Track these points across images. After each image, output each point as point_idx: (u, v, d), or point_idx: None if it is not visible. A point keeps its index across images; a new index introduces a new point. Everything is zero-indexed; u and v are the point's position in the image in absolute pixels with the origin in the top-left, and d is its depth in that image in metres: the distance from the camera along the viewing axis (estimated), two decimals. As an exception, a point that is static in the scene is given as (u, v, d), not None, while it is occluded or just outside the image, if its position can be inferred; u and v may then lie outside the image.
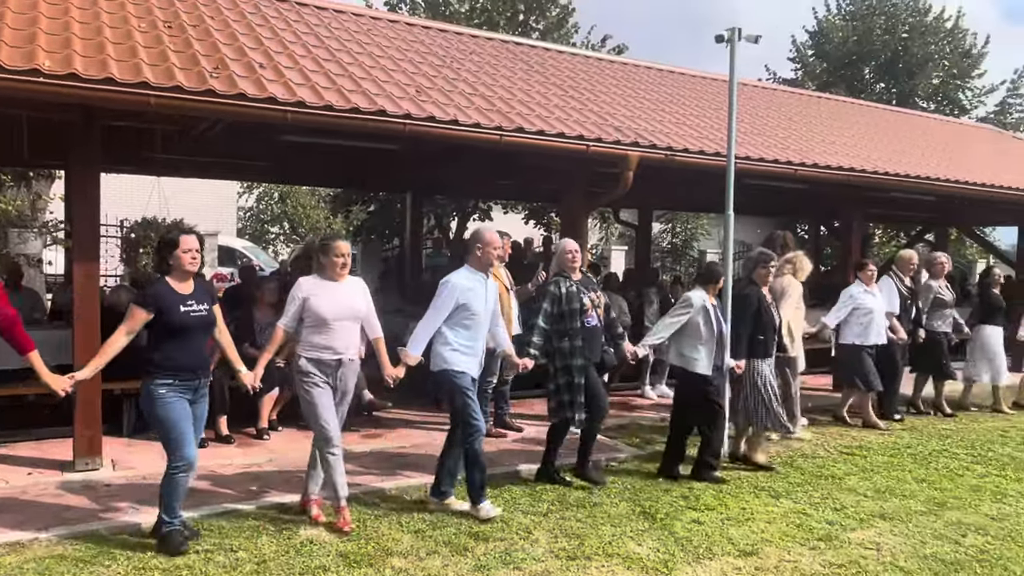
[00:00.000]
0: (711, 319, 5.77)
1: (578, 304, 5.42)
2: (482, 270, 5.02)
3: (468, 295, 4.91)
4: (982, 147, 14.17)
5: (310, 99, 5.64)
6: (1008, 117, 23.57)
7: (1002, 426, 8.11)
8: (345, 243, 4.74)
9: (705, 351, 5.75)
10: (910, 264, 8.43)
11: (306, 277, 4.77)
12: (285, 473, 5.71)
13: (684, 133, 8.15)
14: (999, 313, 8.99)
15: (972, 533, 4.87)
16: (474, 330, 4.94)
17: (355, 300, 4.73)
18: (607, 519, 4.97)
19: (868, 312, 7.76)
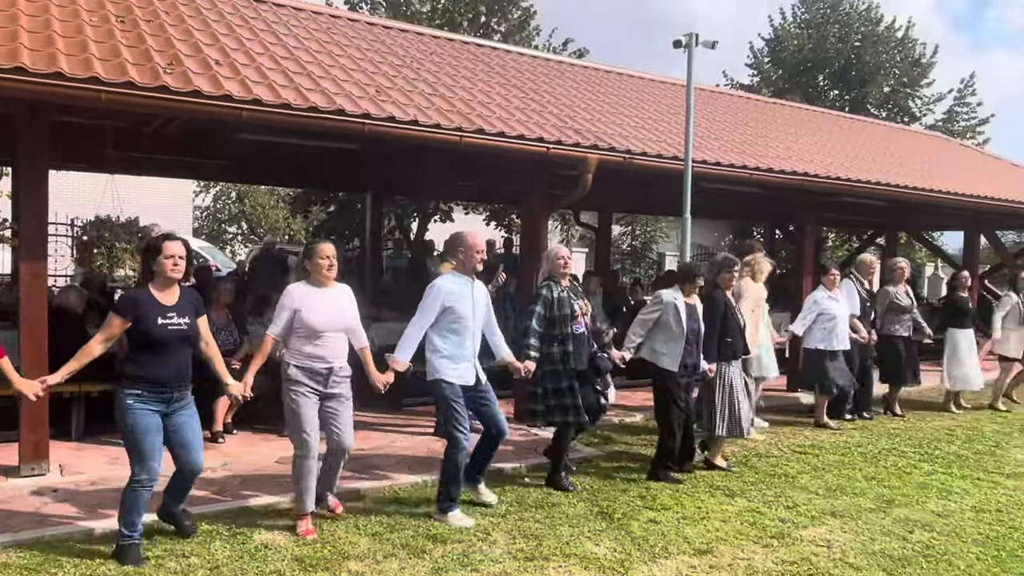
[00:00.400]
0: (681, 317, 5.80)
1: (568, 310, 5.45)
2: (467, 274, 5.00)
3: (454, 299, 4.88)
4: (930, 154, 14.57)
5: (267, 97, 5.56)
6: (955, 125, 24.28)
7: (949, 425, 8.34)
8: (329, 245, 4.70)
9: (672, 347, 5.79)
10: (870, 268, 8.62)
11: (295, 285, 4.69)
12: (240, 477, 5.61)
13: (643, 136, 8.22)
14: (966, 316, 9.18)
15: (919, 529, 4.99)
16: (463, 335, 4.91)
17: (344, 309, 4.71)
18: (565, 519, 4.98)
19: (832, 318, 7.85)
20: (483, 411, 5.10)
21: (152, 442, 4.09)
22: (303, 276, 4.72)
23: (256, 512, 4.91)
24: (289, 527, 4.63)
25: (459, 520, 4.83)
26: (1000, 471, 6.49)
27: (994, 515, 5.33)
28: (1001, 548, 4.71)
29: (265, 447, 6.44)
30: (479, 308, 5.02)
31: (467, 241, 5.00)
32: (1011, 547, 4.73)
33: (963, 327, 9.12)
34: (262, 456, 6.16)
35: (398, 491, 5.44)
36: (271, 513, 4.90)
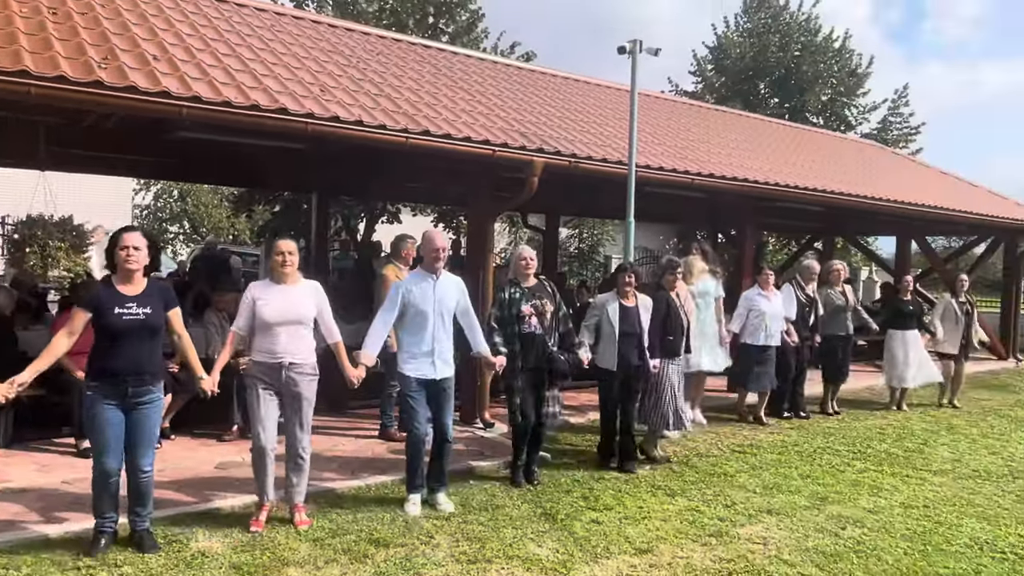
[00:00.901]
0: (614, 320, 6.01)
1: (516, 310, 5.56)
2: (431, 271, 5.09)
3: (413, 295, 5.00)
4: (865, 162, 15.03)
5: (207, 94, 5.43)
6: (888, 134, 25.08)
7: (881, 424, 8.60)
8: (287, 242, 4.74)
9: (608, 348, 6.01)
10: (811, 273, 8.86)
11: (257, 281, 4.81)
12: (177, 482, 5.46)
13: (588, 140, 8.28)
14: (907, 317, 9.47)
15: (851, 525, 5.14)
16: (423, 331, 5.01)
17: (303, 304, 4.70)
18: (509, 521, 4.98)
19: (760, 314, 8.16)
20: (432, 411, 5.12)
21: (106, 436, 4.11)
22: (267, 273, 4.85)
23: (193, 518, 4.79)
24: (227, 534, 4.53)
25: (408, 507, 5.03)
26: (928, 468, 6.72)
27: (921, 511, 5.52)
28: (927, 543, 4.87)
29: (204, 452, 6.29)
30: (443, 305, 5.07)
31: (426, 239, 5.17)
32: (936, 541, 4.90)
33: (904, 328, 9.43)
34: (201, 461, 6.01)
35: (340, 495, 5.37)
36: (209, 519, 4.78)
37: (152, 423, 4.28)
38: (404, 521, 4.88)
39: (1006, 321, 15.10)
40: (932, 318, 9.83)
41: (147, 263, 4.21)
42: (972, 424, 8.76)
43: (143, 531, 4.33)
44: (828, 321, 8.94)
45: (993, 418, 9.18)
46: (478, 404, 7.54)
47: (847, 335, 9.04)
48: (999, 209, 14.00)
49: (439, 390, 5.09)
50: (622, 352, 6.00)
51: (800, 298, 8.63)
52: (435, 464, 5.21)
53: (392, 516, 4.96)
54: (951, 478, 6.43)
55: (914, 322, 9.52)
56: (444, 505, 5.14)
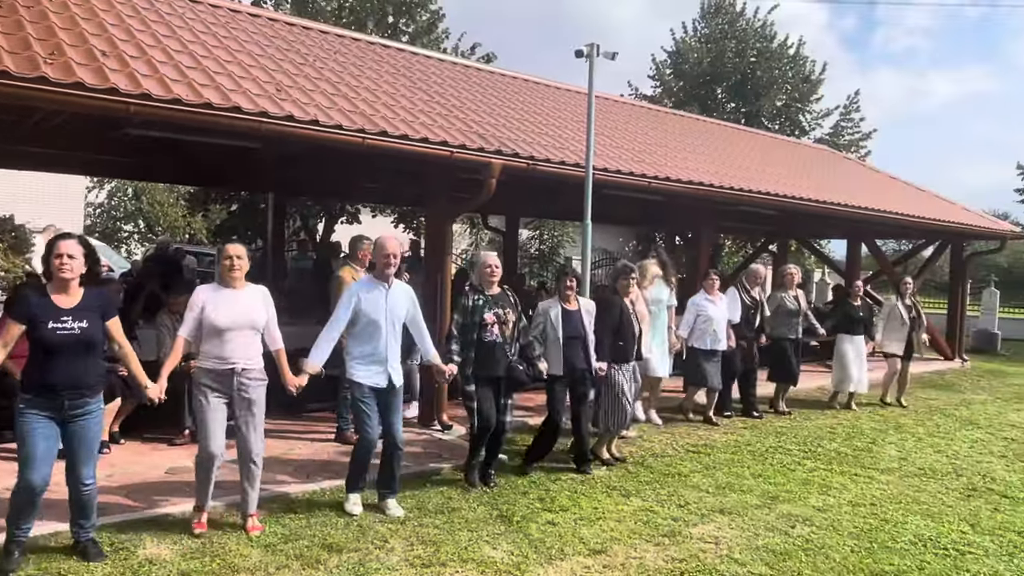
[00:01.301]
0: (557, 325, 6.05)
1: (478, 318, 5.55)
2: (382, 278, 5.03)
3: (365, 303, 4.95)
4: (818, 166, 15.32)
5: (157, 92, 5.30)
6: (840, 139, 25.59)
7: (831, 423, 8.77)
8: (235, 246, 4.68)
9: (553, 352, 6.02)
10: (757, 277, 9.01)
11: (205, 285, 4.70)
12: (126, 488, 5.33)
13: (547, 143, 8.30)
14: (856, 323, 9.68)
15: (800, 524, 5.22)
16: (374, 338, 4.96)
17: (253, 309, 4.63)
18: (464, 524, 4.96)
19: (707, 319, 8.29)
20: (383, 417, 5.07)
21: (35, 449, 3.91)
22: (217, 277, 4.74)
23: (142, 525, 4.68)
24: (176, 541, 4.44)
25: (350, 506, 5.03)
26: (875, 466, 6.87)
27: (868, 508, 5.63)
28: (873, 540, 4.98)
29: (155, 457, 6.15)
30: (395, 313, 5.04)
31: (377, 245, 5.12)
32: (882, 539, 5.01)
33: (853, 333, 9.62)
34: (151, 466, 5.88)
35: (294, 500, 5.29)
36: (157, 526, 4.68)
37: (92, 435, 4.14)
38: (359, 526, 4.83)
39: (952, 322, 15.52)
40: (876, 320, 10.06)
41: (84, 272, 4.03)
42: (919, 423, 8.98)
43: (87, 541, 4.21)
44: (778, 324, 9.09)
45: (939, 417, 9.43)
46: (436, 406, 7.50)
47: (796, 338, 9.21)
48: (946, 213, 14.39)
49: (391, 397, 5.06)
50: (567, 356, 6.02)
51: (745, 301, 8.78)
52: (385, 470, 5.15)
53: (347, 521, 4.91)
54: (898, 476, 6.58)
55: (862, 327, 9.74)
56: (394, 510, 5.09)
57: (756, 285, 8.98)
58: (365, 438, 5.04)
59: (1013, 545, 5.01)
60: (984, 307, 19.42)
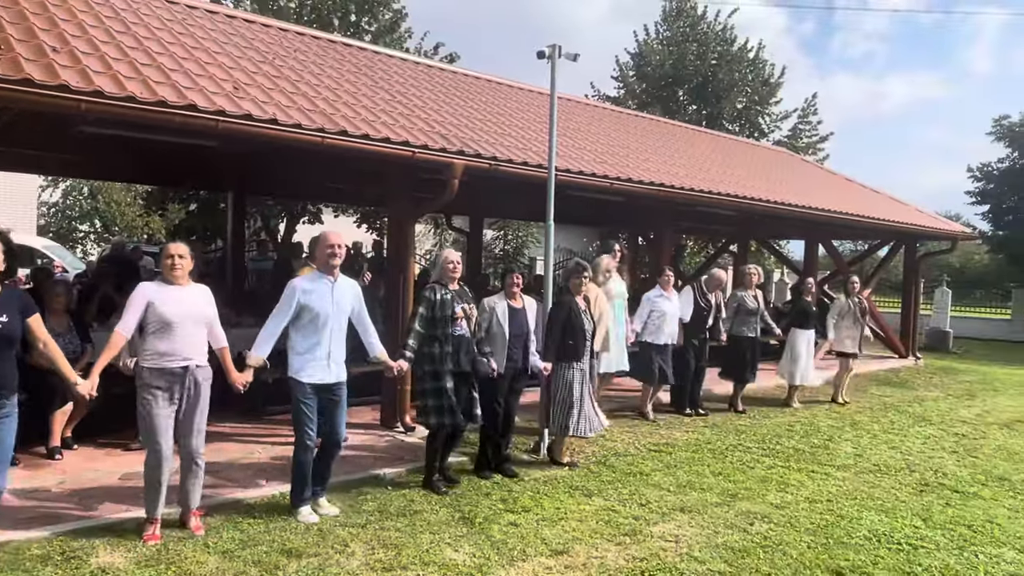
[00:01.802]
0: (503, 322, 6.05)
1: (450, 312, 5.54)
2: (327, 272, 4.96)
3: (310, 297, 4.86)
4: (777, 168, 15.56)
5: (109, 89, 5.17)
6: (799, 141, 26.04)
7: (789, 421, 8.90)
8: (178, 244, 4.64)
9: (497, 349, 6.01)
10: (717, 282, 9.11)
11: (148, 283, 4.61)
12: (79, 495, 5.19)
13: (509, 143, 8.28)
14: (809, 318, 9.89)
15: (759, 521, 5.29)
16: (319, 334, 4.87)
17: (200, 304, 4.60)
18: (426, 526, 4.92)
19: (661, 314, 8.47)
20: (326, 415, 4.98)
21: None
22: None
23: (95, 533, 4.55)
24: (131, 548, 4.33)
25: (305, 517, 4.90)
26: (832, 463, 6.99)
27: (825, 505, 5.73)
28: (830, 536, 5.06)
29: (108, 462, 5.99)
30: (340, 308, 4.97)
31: (320, 238, 5.06)
32: (838, 535, 5.09)
33: (805, 328, 9.84)
34: (104, 472, 5.73)
35: (252, 505, 5.20)
36: (111, 533, 4.56)
37: (8, 435, 3.95)
38: (319, 530, 4.77)
39: (906, 321, 15.89)
40: (828, 318, 10.24)
41: (2, 269, 3.88)
42: (874, 420, 9.17)
43: None
44: (738, 322, 9.25)
45: (893, 414, 9.63)
46: (399, 408, 7.44)
47: (754, 336, 9.35)
48: (899, 214, 14.72)
49: (332, 394, 4.96)
50: (510, 353, 6.04)
51: (700, 302, 8.91)
52: (320, 466, 5.05)
53: (307, 525, 4.84)
54: (853, 473, 6.70)
55: (814, 322, 9.95)
56: (326, 508, 5.04)
57: (716, 289, 9.10)
58: (303, 442, 4.89)
59: (963, 539, 5.13)
60: (936, 306, 19.92)
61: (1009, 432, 8.81)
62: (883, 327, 15.61)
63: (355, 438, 7.00)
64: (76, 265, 17.67)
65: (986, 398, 11.37)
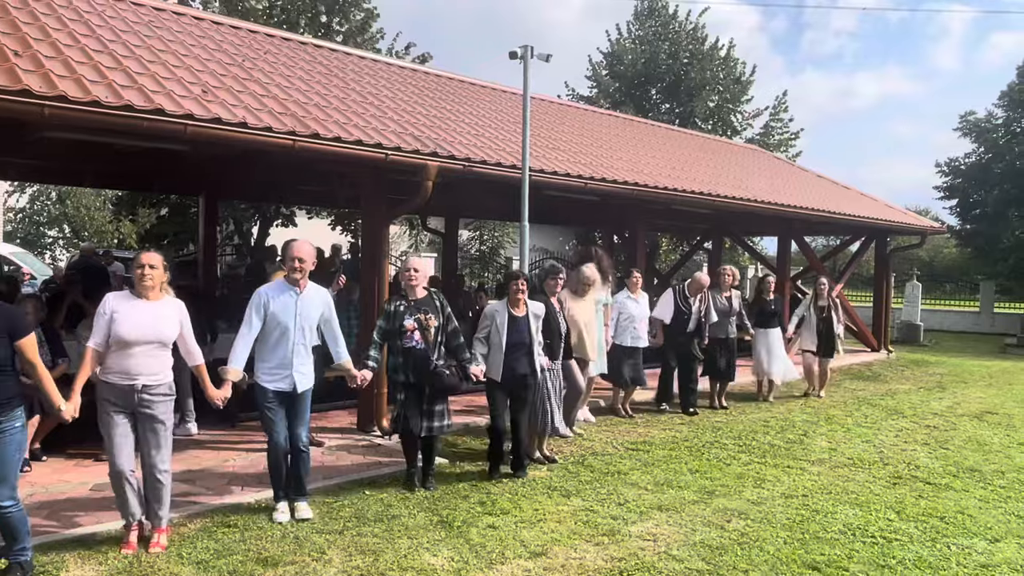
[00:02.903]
0: (502, 330, 6.01)
1: (399, 324, 5.55)
2: (292, 283, 4.97)
3: (274, 306, 4.90)
4: (749, 165, 15.69)
5: (74, 93, 5.08)
6: (770, 139, 26.27)
7: (765, 417, 8.98)
8: (151, 254, 4.50)
9: (495, 357, 5.99)
10: (698, 285, 9.03)
11: (115, 293, 4.50)
12: (48, 507, 5.09)
13: (483, 144, 8.27)
14: (771, 316, 9.99)
15: (736, 518, 5.32)
16: (282, 343, 4.91)
17: (163, 323, 4.43)
18: (404, 531, 4.89)
19: (629, 316, 8.55)
20: (288, 421, 5.04)
21: None
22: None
23: (65, 546, 4.48)
24: (102, 561, 4.25)
25: (276, 516, 4.99)
26: (807, 458, 7.05)
27: (800, 500, 5.78)
28: (805, 531, 5.10)
29: (77, 474, 5.88)
30: (305, 318, 4.98)
31: (286, 249, 5.09)
32: (814, 529, 5.14)
33: (768, 327, 9.93)
34: (74, 484, 5.62)
35: (227, 513, 5.13)
36: (82, 546, 4.48)
37: (8, 455, 3.88)
38: (295, 537, 4.72)
39: (877, 315, 16.09)
40: (792, 317, 10.47)
41: None
42: (847, 414, 9.27)
43: (15, 564, 3.99)
44: (711, 323, 9.20)
45: (866, 408, 9.75)
46: (376, 411, 7.39)
47: (726, 337, 9.35)
48: (870, 210, 14.91)
49: (296, 402, 5.02)
50: (509, 363, 5.97)
51: (680, 306, 8.91)
52: (292, 473, 5.10)
53: (283, 533, 4.79)
54: (828, 467, 6.77)
55: (776, 320, 10.04)
56: (304, 512, 5.06)
57: (698, 293, 9.02)
58: (271, 442, 5.01)
59: (936, 531, 5.20)
60: (907, 300, 20.20)
61: (979, 423, 8.96)
62: (855, 321, 15.81)
63: (331, 442, 6.96)
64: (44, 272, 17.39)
65: (956, 390, 11.55)
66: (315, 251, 5.26)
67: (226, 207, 15.21)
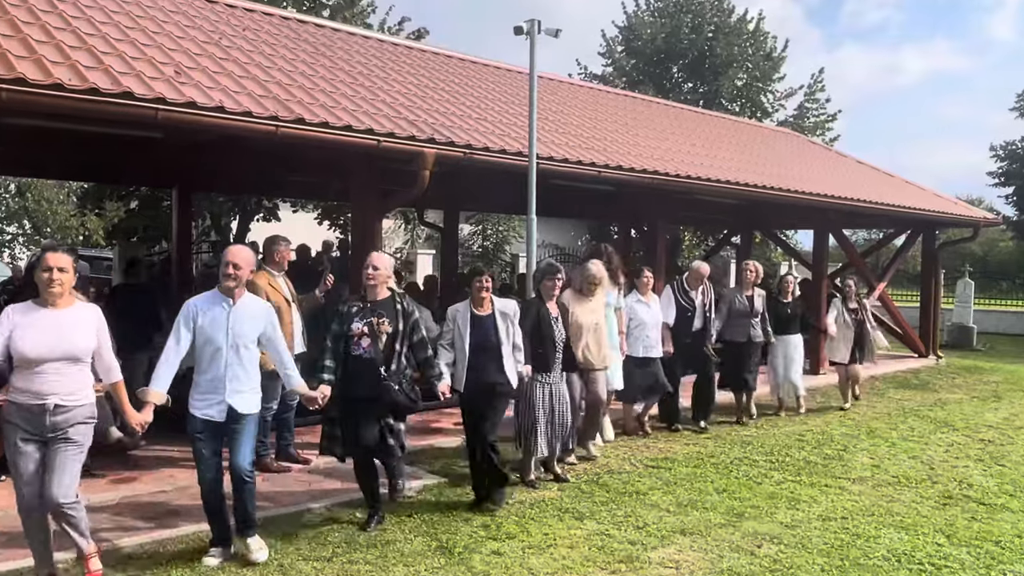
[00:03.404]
0: (464, 332, 5.81)
1: (346, 328, 5.27)
2: (225, 294, 4.73)
3: (204, 320, 4.66)
4: (782, 151, 15.67)
5: (33, 76, 5.11)
6: (805, 121, 26.26)
7: (800, 430, 8.96)
8: (56, 255, 4.15)
9: (459, 365, 5.81)
10: (697, 276, 8.73)
11: (15, 304, 4.22)
12: (6, 534, 5.10)
13: (485, 129, 8.28)
14: (788, 322, 9.59)
15: (767, 543, 5.31)
16: (213, 363, 4.66)
17: (73, 336, 4.16)
18: (400, 558, 4.90)
19: (640, 324, 8.15)
20: (228, 446, 4.80)
21: None
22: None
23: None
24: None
25: (206, 560, 4.72)
26: (847, 476, 7.04)
27: (839, 523, 5.77)
28: (845, 557, 5.09)
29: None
30: (240, 336, 4.71)
31: (226, 254, 4.76)
32: (854, 555, 5.13)
33: (787, 333, 9.56)
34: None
35: (204, 538, 5.15)
36: (43, 575, 4.49)
37: None
38: (280, 565, 4.74)
39: (925, 316, 16.01)
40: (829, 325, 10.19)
41: None
42: (892, 427, 9.25)
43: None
44: (728, 324, 9.00)
45: (913, 419, 9.72)
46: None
47: (747, 340, 9.05)
48: (916, 200, 14.86)
49: (237, 427, 4.74)
50: (474, 369, 5.76)
51: (682, 301, 8.62)
52: (236, 506, 4.86)
53: (267, 559, 4.79)
54: (870, 486, 6.76)
55: (795, 326, 9.68)
56: (256, 554, 4.80)
57: (698, 285, 8.74)
58: (199, 480, 4.76)
59: (991, 556, 5.18)
60: (958, 299, 20.09)
61: (1039, 437, 8.92)
62: (900, 323, 15.75)
63: (320, 460, 6.96)
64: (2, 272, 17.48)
65: (1014, 400, 11.50)
66: (254, 257, 4.98)
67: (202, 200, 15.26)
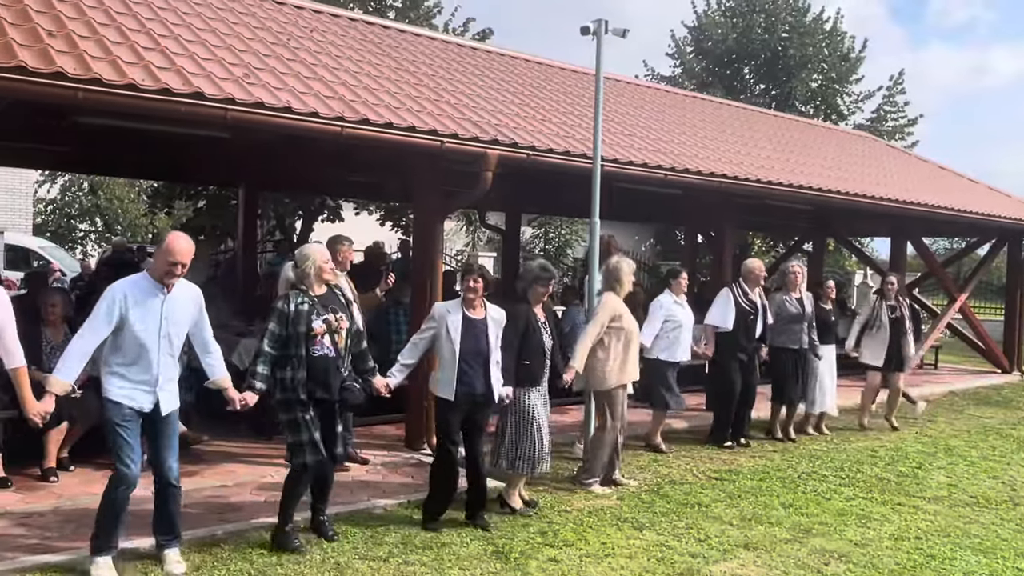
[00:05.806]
0: (453, 335, 5.49)
1: (305, 327, 5.00)
2: (161, 283, 4.55)
3: (134, 308, 4.47)
4: (857, 155, 15.32)
5: (109, 76, 5.31)
6: (884, 125, 25.63)
7: (872, 446, 8.74)
8: None
9: (446, 370, 5.51)
10: (753, 275, 8.39)
11: None
12: (75, 521, 5.32)
13: (549, 131, 8.30)
14: (827, 331, 9.01)
15: (835, 561, 5.21)
16: (142, 351, 4.50)
17: None
18: (456, 561, 4.95)
19: (677, 325, 7.84)
20: (154, 448, 4.71)
21: None
22: None
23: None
24: None
25: (98, 570, 4.48)
26: (922, 495, 6.85)
27: (913, 543, 5.62)
28: (918, 578, 4.97)
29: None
30: (173, 325, 4.60)
31: (164, 243, 4.58)
32: (928, 577, 5.00)
33: (824, 342, 8.93)
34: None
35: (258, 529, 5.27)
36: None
37: None
38: (336, 563, 4.82)
39: (1010, 330, 15.48)
40: (854, 323, 9.71)
41: None
42: (971, 445, 8.96)
43: None
44: (778, 331, 8.57)
45: (994, 438, 9.41)
46: (426, 427, 7.48)
47: (798, 348, 8.60)
48: (1002, 208, 14.38)
49: (162, 425, 4.62)
50: (464, 377, 5.46)
51: (743, 304, 8.24)
52: (161, 513, 4.72)
53: (322, 557, 4.89)
54: (946, 506, 6.57)
55: (833, 336, 9.17)
56: (173, 567, 4.62)
57: (757, 286, 8.37)
58: (121, 473, 4.49)
59: (1076, 584, 4.99)
60: (1046, 313, 19.33)
61: None
62: (983, 337, 15.27)
63: (376, 460, 7.07)
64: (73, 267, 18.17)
65: (1105, 420, 11.02)
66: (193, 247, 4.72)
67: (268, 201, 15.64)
